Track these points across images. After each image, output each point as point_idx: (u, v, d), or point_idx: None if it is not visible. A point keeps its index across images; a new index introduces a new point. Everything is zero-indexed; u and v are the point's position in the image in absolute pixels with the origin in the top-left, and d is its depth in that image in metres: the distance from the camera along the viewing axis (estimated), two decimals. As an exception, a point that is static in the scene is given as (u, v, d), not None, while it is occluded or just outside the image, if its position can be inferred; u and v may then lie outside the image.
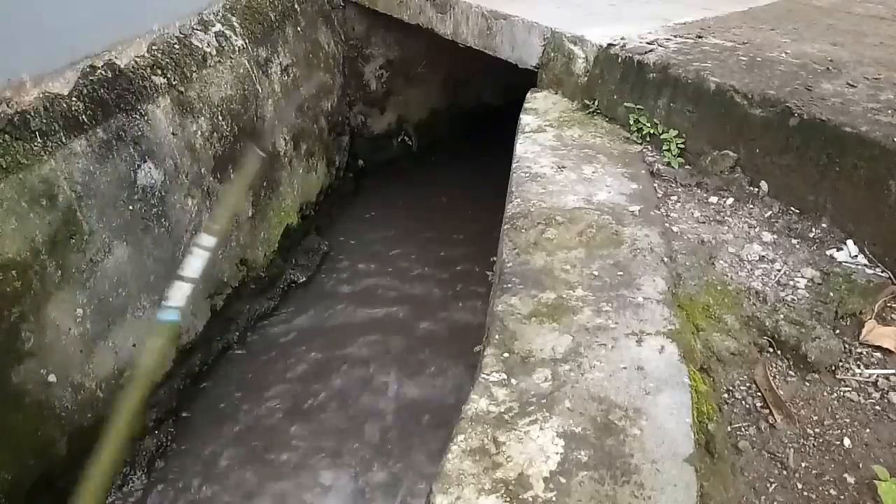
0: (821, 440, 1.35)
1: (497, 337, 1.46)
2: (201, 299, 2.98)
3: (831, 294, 1.69)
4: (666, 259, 1.75)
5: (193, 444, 2.77)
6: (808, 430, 1.37)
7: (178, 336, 1.01)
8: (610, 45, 2.62)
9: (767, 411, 1.41)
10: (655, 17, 3.03)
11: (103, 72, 2.47)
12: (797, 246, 1.89)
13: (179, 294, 1.13)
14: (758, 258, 1.84)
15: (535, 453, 1.18)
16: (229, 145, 3.12)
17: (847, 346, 1.56)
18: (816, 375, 1.50)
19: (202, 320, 3.00)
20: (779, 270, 1.79)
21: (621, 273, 1.68)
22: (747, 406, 1.43)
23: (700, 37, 2.70)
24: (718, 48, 2.54)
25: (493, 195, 2.68)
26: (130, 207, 2.53)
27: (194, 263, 1.26)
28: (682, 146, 2.32)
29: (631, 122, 2.47)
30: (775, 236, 1.94)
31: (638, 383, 1.34)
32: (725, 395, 1.45)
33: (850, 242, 1.86)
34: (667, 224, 1.97)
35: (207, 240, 1.32)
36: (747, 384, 1.48)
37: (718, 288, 1.71)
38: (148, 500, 2.55)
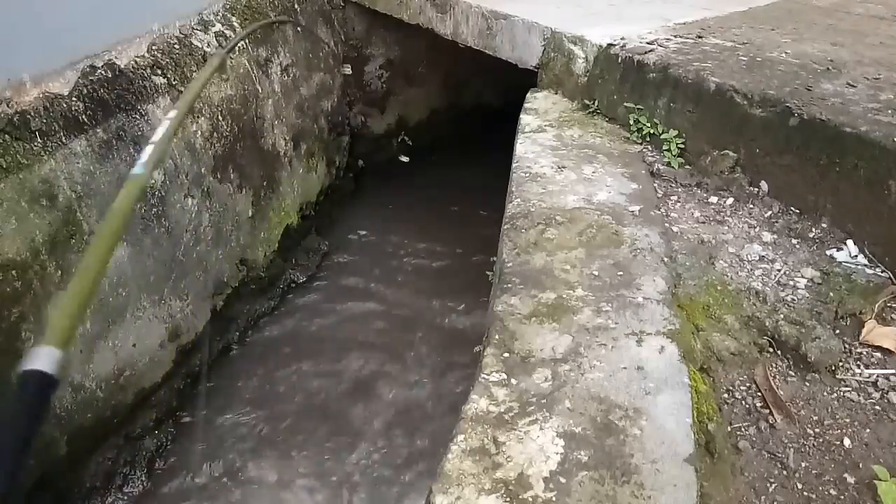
0: (821, 440, 1.35)
1: (497, 337, 1.46)
2: (201, 299, 2.99)
3: (831, 294, 1.69)
4: (666, 259, 1.75)
5: (193, 445, 2.77)
6: (808, 430, 1.37)
7: (145, 189, 1.18)
8: (610, 45, 2.62)
9: (767, 411, 1.41)
10: (655, 17, 3.03)
11: (103, 72, 2.47)
12: (797, 246, 1.89)
13: (146, 155, 1.26)
14: (758, 258, 1.84)
15: (535, 453, 1.18)
16: (229, 145, 3.13)
17: (847, 346, 1.56)
18: (816, 375, 1.50)
19: (202, 320, 3.00)
20: (779, 270, 1.79)
21: (621, 273, 1.68)
22: (747, 406, 1.43)
23: (700, 37, 2.70)
24: (718, 48, 2.54)
25: (493, 195, 2.69)
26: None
27: (160, 131, 1.39)
28: (682, 146, 2.32)
29: (631, 122, 2.47)
30: (775, 236, 1.94)
31: (638, 383, 1.34)
32: (725, 395, 1.45)
33: (850, 242, 1.86)
34: (667, 224, 1.97)
35: (172, 112, 1.49)
36: (747, 384, 1.48)
37: (718, 288, 1.71)
38: (148, 499, 2.55)
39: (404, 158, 4.98)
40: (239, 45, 3.24)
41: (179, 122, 1.49)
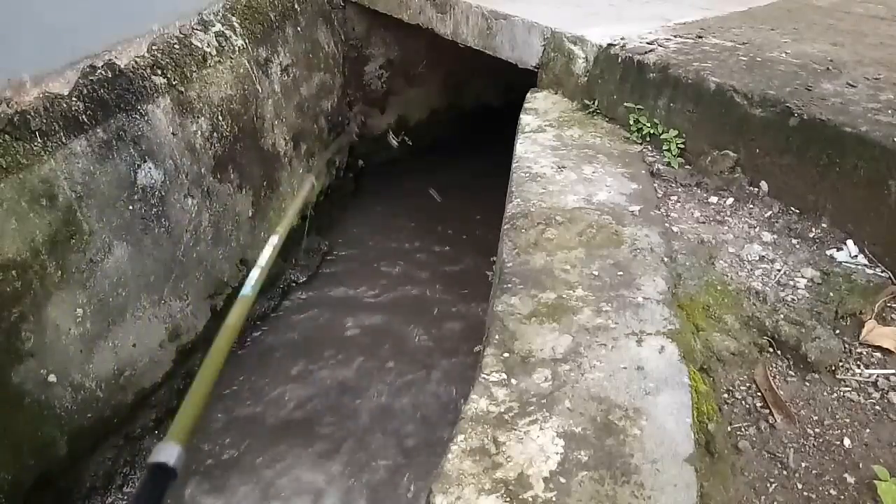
0: (821, 440, 1.35)
1: (497, 337, 1.46)
2: (201, 299, 2.99)
3: (831, 294, 1.68)
4: (666, 259, 1.75)
5: (192, 445, 2.77)
6: (808, 430, 1.37)
7: (253, 307, 1.34)
8: (610, 45, 2.62)
9: (767, 411, 1.41)
10: (655, 17, 3.03)
11: (103, 72, 2.47)
12: (797, 246, 1.89)
13: (254, 279, 1.40)
14: (758, 258, 1.84)
15: (535, 453, 1.18)
16: (229, 145, 3.13)
17: (847, 346, 1.56)
18: (816, 375, 1.50)
19: (202, 320, 3.00)
20: (779, 270, 1.79)
21: (621, 273, 1.68)
22: (747, 406, 1.43)
23: (700, 37, 2.70)
24: (718, 48, 2.54)
25: (493, 195, 2.69)
26: (130, 207, 2.53)
27: (265, 255, 1.52)
28: (682, 146, 2.32)
29: (631, 122, 2.47)
30: (775, 236, 1.94)
31: (638, 383, 1.34)
32: (725, 395, 1.45)
33: (850, 242, 1.86)
34: (667, 224, 1.97)
35: (275, 238, 1.61)
36: (747, 384, 1.48)
37: (718, 288, 1.71)
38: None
39: (394, 142, 4.94)
40: (239, 44, 3.25)
41: (280, 245, 1.62)
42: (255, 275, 1.45)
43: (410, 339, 3.36)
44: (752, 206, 2.09)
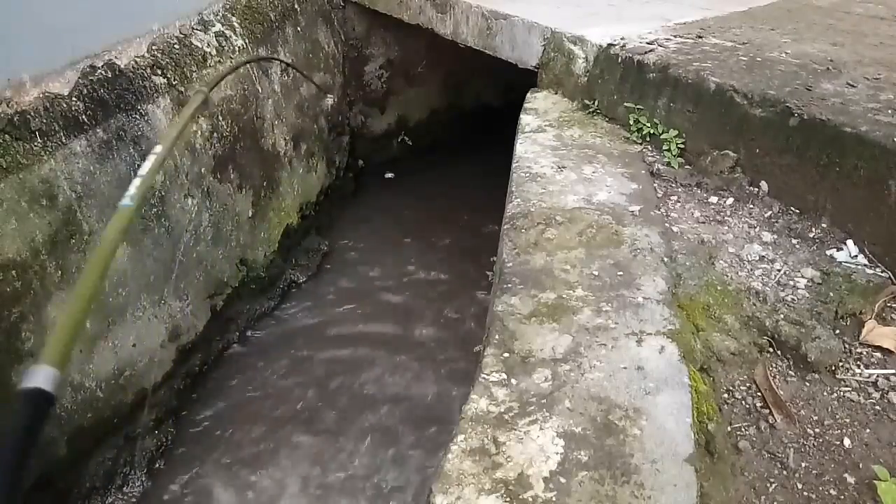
0: (821, 440, 1.35)
1: (497, 337, 1.46)
2: (201, 299, 2.98)
3: (831, 294, 1.69)
4: (666, 259, 1.75)
5: (193, 445, 2.77)
6: (808, 430, 1.37)
7: (132, 220, 1.31)
8: (610, 45, 2.62)
9: (767, 411, 1.41)
10: (655, 17, 3.03)
11: (103, 72, 2.47)
12: (797, 246, 1.89)
13: (134, 188, 1.36)
14: (758, 258, 1.84)
15: (535, 453, 1.18)
16: (229, 145, 3.12)
17: (847, 346, 1.56)
18: (816, 375, 1.50)
19: (202, 320, 3.00)
20: (779, 270, 1.79)
21: (621, 273, 1.68)
22: (747, 406, 1.43)
23: (700, 37, 2.70)
24: (718, 48, 2.54)
25: (494, 195, 2.69)
26: (130, 207, 2.53)
27: (146, 165, 1.48)
28: (682, 146, 2.32)
29: (631, 122, 2.47)
30: (775, 236, 1.94)
31: (638, 383, 1.34)
32: (725, 395, 1.45)
33: (850, 242, 1.86)
34: (667, 224, 1.97)
35: (159, 148, 1.57)
36: (747, 384, 1.48)
37: (718, 288, 1.71)
38: (147, 500, 2.55)
39: (389, 175, 4.88)
40: (239, 44, 3.24)
41: (164, 158, 1.58)
42: (135, 184, 1.41)
43: (411, 339, 3.36)
44: (752, 206, 2.09)
